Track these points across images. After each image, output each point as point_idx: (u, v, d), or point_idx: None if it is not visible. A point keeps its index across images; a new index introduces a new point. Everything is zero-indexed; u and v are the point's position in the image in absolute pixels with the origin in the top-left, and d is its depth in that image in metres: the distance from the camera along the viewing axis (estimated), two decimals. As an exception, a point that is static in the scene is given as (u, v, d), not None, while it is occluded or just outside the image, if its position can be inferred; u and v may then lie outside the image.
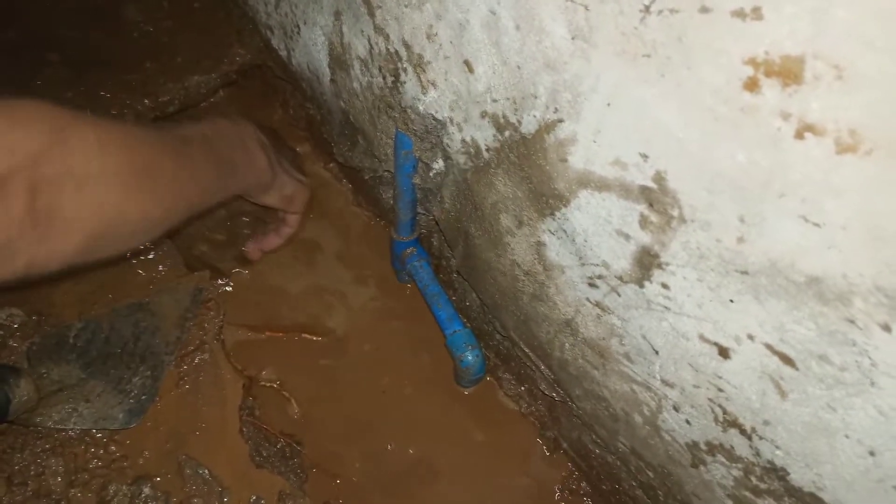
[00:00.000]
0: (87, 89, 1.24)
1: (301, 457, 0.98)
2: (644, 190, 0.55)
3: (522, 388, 1.05)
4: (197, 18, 1.37)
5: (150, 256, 1.02)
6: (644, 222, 0.57)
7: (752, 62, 0.41)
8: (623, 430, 0.80)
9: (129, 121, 0.74)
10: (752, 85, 0.42)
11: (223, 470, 0.87)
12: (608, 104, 0.54)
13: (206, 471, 0.86)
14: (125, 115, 1.22)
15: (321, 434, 1.02)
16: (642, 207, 0.56)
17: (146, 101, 1.24)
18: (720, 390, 0.61)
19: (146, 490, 0.83)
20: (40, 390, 0.85)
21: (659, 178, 0.53)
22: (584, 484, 1.02)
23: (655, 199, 0.55)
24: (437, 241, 1.09)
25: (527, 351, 0.91)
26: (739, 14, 0.40)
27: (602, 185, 0.59)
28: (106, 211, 0.62)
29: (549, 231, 0.71)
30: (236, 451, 0.89)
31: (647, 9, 0.46)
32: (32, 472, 0.82)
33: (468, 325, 1.03)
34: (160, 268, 1.01)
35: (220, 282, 1.10)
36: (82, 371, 0.90)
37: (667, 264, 0.58)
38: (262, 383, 1.03)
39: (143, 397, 0.89)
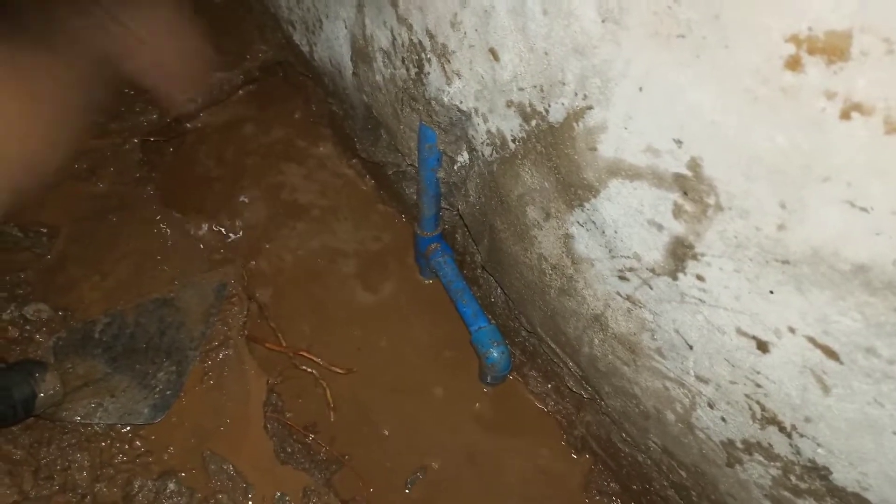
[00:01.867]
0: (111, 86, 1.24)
1: (325, 453, 0.97)
2: (678, 177, 0.53)
3: (549, 386, 1.03)
4: (219, 15, 1.37)
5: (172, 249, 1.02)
6: (678, 211, 0.55)
7: (795, 39, 0.39)
8: (654, 428, 0.78)
9: None
10: (794, 63, 0.40)
11: (247, 466, 0.86)
12: (640, 89, 0.52)
13: (231, 466, 0.85)
14: (149, 111, 1.23)
15: (345, 432, 1.01)
16: (676, 196, 0.54)
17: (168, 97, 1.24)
18: (758, 386, 0.59)
19: (171, 485, 0.82)
20: (66, 385, 0.85)
21: (694, 164, 0.51)
22: (613, 484, 1.00)
23: (690, 187, 0.53)
24: (461, 236, 1.08)
25: (554, 347, 0.90)
26: (781, -13, 0.38)
27: (633, 174, 0.57)
28: None
29: (578, 223, 0.69)
30: (261, 447, 0.88)
31: (682, -14, 0.44)
32: (59, 467, 0.82)
33: (493, 321, 1.02)
34: (184, 263, 1.01)
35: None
36: (108, 366, 0.90)
37: (702, 255, 0.56)
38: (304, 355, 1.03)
39: (168, 393, 0.89)
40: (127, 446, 0.85)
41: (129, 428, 0.86)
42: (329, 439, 0.99)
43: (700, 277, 0.57)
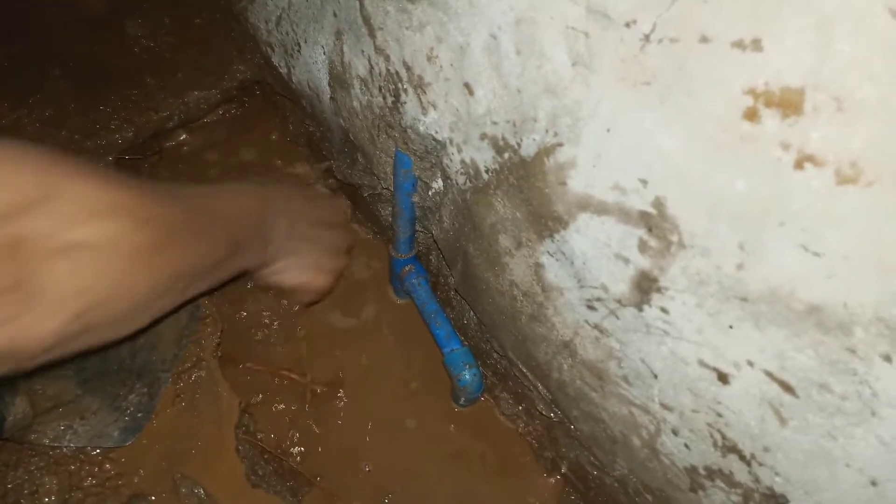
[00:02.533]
0: (87, 104, 1.24)
1: (297, 477, 0.97)
2: (643, 215, 0.55)
3: (520, 408, 1.05)
4: (198, 34, 1.37)
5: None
6: (643, 247, 0.57)
7: (752, 92, 0.41)
8: (621, 453, 0.80)
9: (141, 178, 0.65)
10: (751, 115, 0.42)
11: (219, 489, 0.86)
12: (608, 130, 0.54)
13: (202, 490, 0.85)
14: (125, 129, 1.22)
15: (317, 453, 1.01)
16: (641, 232, 0.56)
17: (146, 116, 1.24)
18: (719, 415, 0.61)
19: (141, 509, 0.82)
20: (35, 407, 0.84)
21: (658, 203, 0.53)
22: (581, 505, 1.01)
23: (655, 225, 0.55)
24: (435, 258, 1.09)
25: (525, 371, 0.91)
26: (739, 45, 0.40)
27: (601, 209, 0.59)
28: (99, 284, 0.53)
29: (548, 253, 0.71)
30: (232, 470, 0.88)
31: (647, 37, 0.46)
32: (26, 491, 0.81)
33: (466, 343, 1.03)
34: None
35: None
36: (78, 388, 0.89)
37: (666, 289, 0.57)
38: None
39: (139, 415, 0.89)
40: (97, 469, 0.84)
41: (98, 450, 0.86)
42: (300, 462, 0.99)
43: (664, 310, 0.59)
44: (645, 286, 0.60)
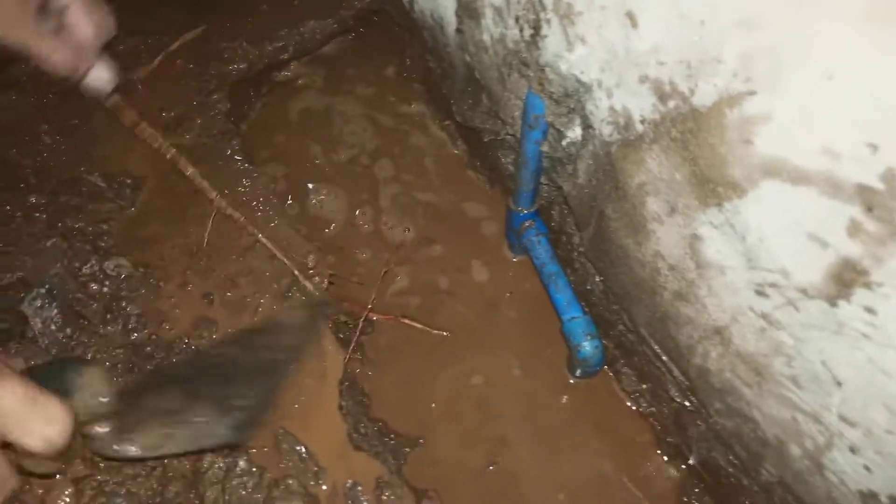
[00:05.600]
0: (201, 33, 1.20)
1: (400, 437, 0.92)
2: (863, 189, 0.43)
3: (644, 387, 0.94)
4: (315, -41, 1.29)
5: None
6: (854, 229, 0.45)
7: None
8: (772, 458, 0.69)
9: None
10: None
11: (320, 448, 0.82)
12: (829, 77, 0.41)
13: (303, 448, 0.81)
14: (238, 60, 1.18)
15: (420, 414, 0.96)
16: (855, 211, 0.44)
17: (259, 46, 1.19)
18: (926, 443, 0.49)
19: (241, 463, 0.79)
20: (113, 384, 0.71)
21: (891, 176, 0.41)
22: (707, 498, 0.91)
23: (878, 203, 0.42)
24: (557, 213, 0.99)
25: (658, 351, 0.81)
26: None
27: (798, 178, 0.47)
28: None
29: (712, 224, 0.59)
30: (335, 428, 0.84)
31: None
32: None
33: (588, 311, 0.93)
34: (266, 221, 0.97)
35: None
36: (185, 394, 0.79)
37: (879, 284, 0.45)
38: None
39: (256, 411, 0.80)
40: (199, 419, 0.82)
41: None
42: (403, 424, 0.94)
43: (870, 310, 0.47)
44: (847, 278, 0.47)
